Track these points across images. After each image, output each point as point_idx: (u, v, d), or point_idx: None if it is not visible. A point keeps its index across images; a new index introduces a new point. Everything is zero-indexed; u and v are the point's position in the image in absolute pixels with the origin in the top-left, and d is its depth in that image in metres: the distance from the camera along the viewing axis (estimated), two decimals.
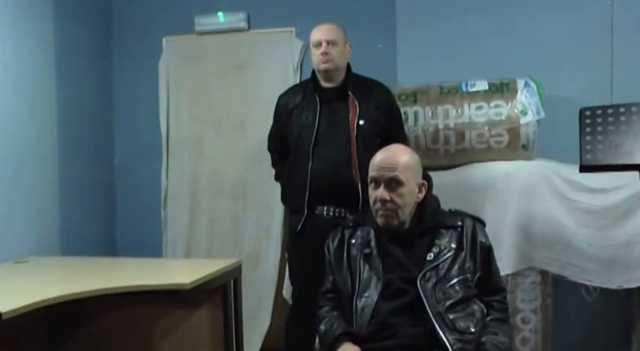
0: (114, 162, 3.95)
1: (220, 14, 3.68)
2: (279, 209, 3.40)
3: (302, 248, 2.73)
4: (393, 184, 1.99)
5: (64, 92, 3.51)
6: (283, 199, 2.92)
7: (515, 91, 2.90)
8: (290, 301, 3.03)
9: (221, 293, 2.69)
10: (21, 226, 3.17)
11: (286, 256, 3.08)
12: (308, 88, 2.79)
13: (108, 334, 2.85)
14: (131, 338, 2.85)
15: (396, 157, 2.04)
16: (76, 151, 3.59)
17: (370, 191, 2.05)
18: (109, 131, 3.94)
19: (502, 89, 2.93)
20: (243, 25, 3.66)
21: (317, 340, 2.79)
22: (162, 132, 3.69)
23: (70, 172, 3.53)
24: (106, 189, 3.91)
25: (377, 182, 2.02)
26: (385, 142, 2.26)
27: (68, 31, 3.54)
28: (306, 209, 2.68)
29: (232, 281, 2.73)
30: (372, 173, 2.05)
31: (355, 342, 1.92)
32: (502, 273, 2.18)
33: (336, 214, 2.66)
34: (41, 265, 2.93)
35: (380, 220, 2.03)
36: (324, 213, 2.67)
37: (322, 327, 2.05)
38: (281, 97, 2.88)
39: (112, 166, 3.95)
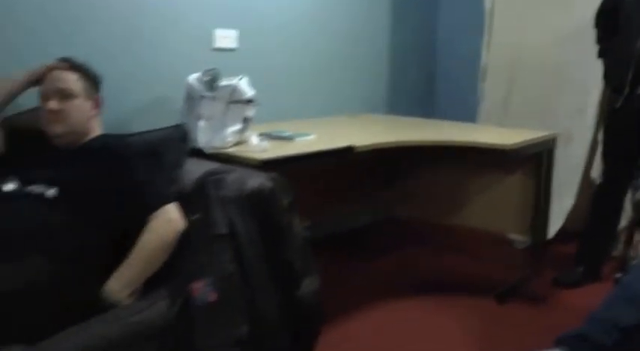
0: (436, 36, 4.19)
1: None
2: (596, 89, 3.33)
3: (619, 126, 2.75)
4: None
5: None
6: (605, 76, 2.90)
7: None
8: (597, 181, 3.06)
9: (534, 162, 2.82)
10: (354, 86, 3.63)
11: (599, 136, 3.10)
12: None
13: (423, 184, 3.23)
14: (443, 192, 3.19)
15: None
16: (404, 22, 3.89)
17: None
18: (433, 7, 4.15)
19: None
20: None
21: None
22: (486, 6, 3.77)
23: (398, 40, 3.87)
24: (429, 58, 4.18)
25: None
26: None
27: None
28: (627, 88, 2.66)
29: (546, 152, 2.83)
30: None
31: None
32: None
33: None
34: (371, 119, 3.36)
35: None
36: None
37: None
38: None
39: (434, 40, 4.19)
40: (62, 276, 1.58)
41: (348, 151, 2.28)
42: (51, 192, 1.75)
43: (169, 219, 1.74)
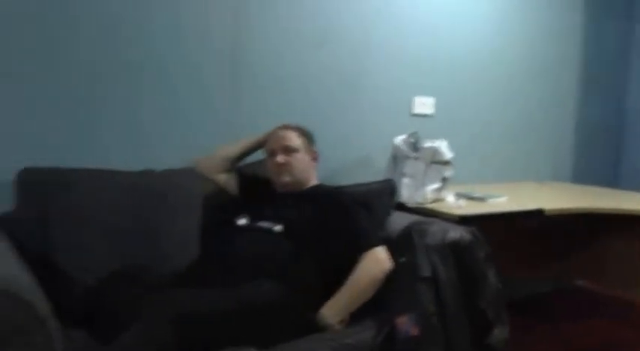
0: (624, 107, 4.18)
1: None
2: None
3: None
4: None
5: (588, 41, 3.89)
6: None
7: None
8: None
9: None
10: (541, 153, 3.75)
11: None
12: None
13: (606, 255, 3.23)
14: (626, 264, 3.17)
15: None
16: (591, 95, 3.96)
17: None
18: (623, 78, 4.17)
19: None
20: None
21: None
22: None
23: (585, 112, 3.95)
24: (616, 129, 4.19)
25: None
26: None
27: None
28: None
29: None
30: None
31: None
32: None
33: None
34: (558, 186, 3.45)
35: None
36: None
37: None
38: None
39: (623, 111, 4.19)
40: (285, 297, 1.88)
41: (538, 214, 2.42)
42: (277, 227, 2.09)
43: (379, 259, 2.00)
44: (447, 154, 2.53)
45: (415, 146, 2.55)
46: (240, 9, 2.54)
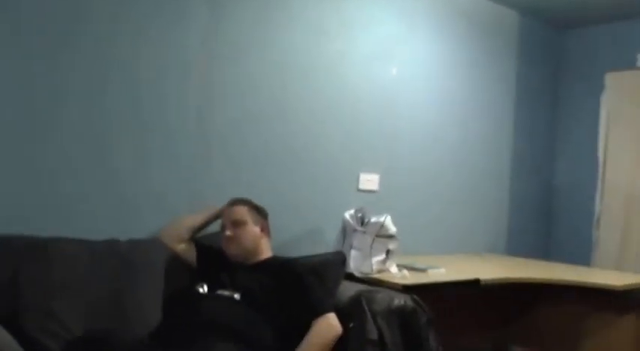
0: (553, 184, 4.53)
1: None
2: None
3: None
4: None
5: (518, 123, 4.26)
6: None
7: None
8: None
9: None
10: (477, 227, 4.03)
11: None
12: None
13: (541, 323, 3.46)
14: (560, 330, 3.40)
15: None
16: (522, 172, 4.30)
17: None
18: (550, 157, 4.53)
19: None
20: None
21: None
22: (599, 157, 4.11)
23: (517, 188, 4.27)
24: (544, 206, 4.50)
25: None
26: None
27: (525, 73, 4.27)
28: None
29: None
30: None
31: None
32: None
33: None
34: (494, 258, 3.72)
35: None
36: None
37: None
38: None
39: (551, 187, 4.53)
40: None
41: (475, 283, 2.65)
42: (236, 295, 2.24)
43: (330, 325, 2.17)
44: (392, 228, 2.76)
45: (362, 220, 2.77)
46: (206, 86, 2.78)
